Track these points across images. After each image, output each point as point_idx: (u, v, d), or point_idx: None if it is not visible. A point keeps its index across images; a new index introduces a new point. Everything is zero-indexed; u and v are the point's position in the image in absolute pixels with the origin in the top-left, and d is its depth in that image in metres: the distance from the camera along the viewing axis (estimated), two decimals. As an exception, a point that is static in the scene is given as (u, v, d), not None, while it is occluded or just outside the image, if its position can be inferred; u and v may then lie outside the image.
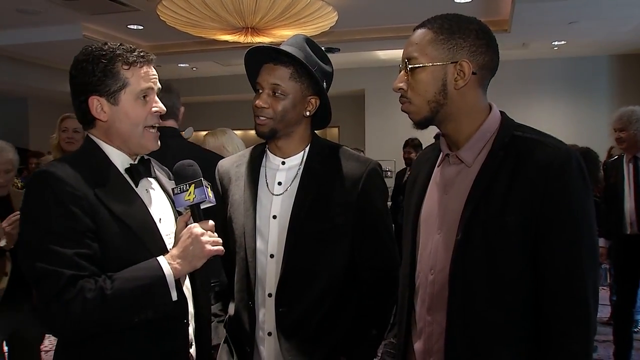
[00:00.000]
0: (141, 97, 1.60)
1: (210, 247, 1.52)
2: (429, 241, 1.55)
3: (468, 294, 1.42)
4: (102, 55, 1.56)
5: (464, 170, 1.50)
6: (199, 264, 1.53)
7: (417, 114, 1.51)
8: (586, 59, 9.46)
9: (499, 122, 1.50)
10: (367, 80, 10.39)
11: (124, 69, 1.57)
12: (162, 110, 1.65)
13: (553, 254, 1.36)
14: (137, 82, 1.59)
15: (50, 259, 1.42)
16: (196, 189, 1.54)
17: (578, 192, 1.36)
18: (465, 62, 1.43)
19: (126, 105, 1.59)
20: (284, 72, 1.80)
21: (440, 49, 1.45)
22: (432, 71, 1.45)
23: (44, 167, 1.54)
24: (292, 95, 1.81)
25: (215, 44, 7.27)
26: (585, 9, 6.02)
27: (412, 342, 1.60)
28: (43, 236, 1.44)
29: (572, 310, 1.35)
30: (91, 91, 1.57)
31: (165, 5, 5.44)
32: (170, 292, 1.49)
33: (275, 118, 1.81)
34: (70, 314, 1.41)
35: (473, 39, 1.45)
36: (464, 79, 1.44)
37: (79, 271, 1.42)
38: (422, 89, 1.47)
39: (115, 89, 1.57)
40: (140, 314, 1.47)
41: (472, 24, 1.47)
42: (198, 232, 1.52)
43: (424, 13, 1.77)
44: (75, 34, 6.90)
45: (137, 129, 1.61)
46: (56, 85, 9.31)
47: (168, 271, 1.48)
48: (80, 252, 1.44)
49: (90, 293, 1.41)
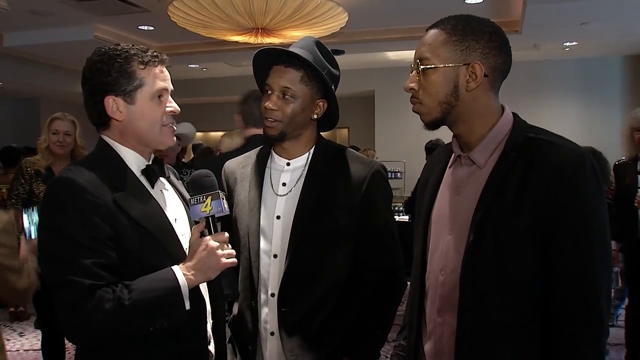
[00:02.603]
0: (156, 97, 1.61)
1: (225, 260, 1.54)
2: (439, 242, 1.54)
3: (478, 295, 1.41)
4: (117, 55, 1.57)
5: (475, 172, 1.50)
6: (213, 275, 1.55)
7: (428, 114, 1.50)
8: (598, 60, 9.38)
9: (512, 124, 1.50)
10: (377, 81, 10.37)
11: (139, 68, 1.58)
12: (176, 110, 1.66)
13: (565, 256, 1.35)
14: (153, 82, 1.60)
15: (69, 268, 1.43)
16: (213, 201, 1.56)
17: (591, 194, 1.36)
18: (478, 64, 1.43)
19: (142, 105, 1.60)
20: (294, 75, 1.80)
21: (453, 50, 1.44)
22: (444, 72, 1.45)
23: (63, 174, 1.54)
24: (301, 98, 1.81)
25: (225, 44, 7.28)
26: (597, 9, 5.97)
27: (423, 344, 1.60)
28: (63, 245, 1.45)
29: (584, 313, 1.34)
30: (107, 91, 1.57)
31: (176, 6, 5.45)
32: (185, 302, 1.51)
33: (284, 120, 1.81)
34: (89, 323, 1.43)
35: (486, 41, 1.44)
36: (475, 81, 1.44)
37: (98, 280, 1.43)
38: (433, 90, 1.47)
39: (131, 88, 1.58)
40: (156, 323, 1.49)
41: (485, 26, 1.46)
42: (213, 245, 1.53)
43: (434, 14, 1.77)
44: (86, 35, 6.94)
45: (155, 127, 1.63)
46: (68, 85, 9.38)
47: (183, 282, 1.50)
48: (99, 262, 1.45)
49: (109, 303, 1.42)
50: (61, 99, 10.47)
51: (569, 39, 7.90)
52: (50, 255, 1.49)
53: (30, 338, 5.69)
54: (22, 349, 5.37)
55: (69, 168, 1.59)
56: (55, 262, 1.47)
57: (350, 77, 9.62)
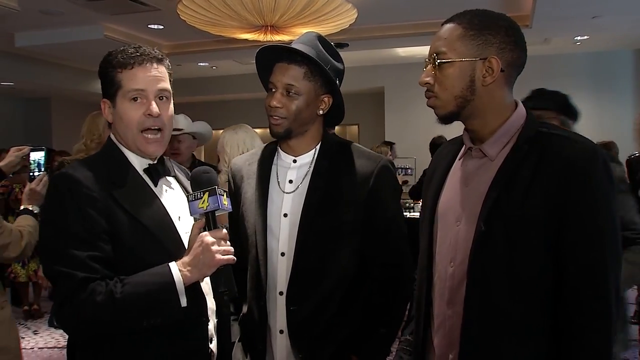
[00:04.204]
0: (131, 98, 1.61)
1: (220, 257, 1.51)
2: (448, 233, 1.54)
3: (487, 286, 1.41)
4: (104, 61, 1.64)
5: (486, 164, 1.50)
6: (209, 272, 1.53)
7: (444, 108, 1.50)
8: (610, 54, 9.30)
9: (525, 118, 1.49)
10: (387, 77, 10.35)
11: (117, 71, 1.61)
12: (154, 112, 1.61)
13: (575, 250, 1.35)
14: (127, 84, 1.61)
15: (64, 260, 1.46)
16: (210, 197, 1.54)
17: (603, 189, 1.35)
18: (495, 58, 1.43)
19: (120, 108, 1.62)
20: (297, 71, 1.79)
21: (470, 44, 1.44)
22: (460, 67, 1.45)
23: (64, 169, 1.58)
24: (305, 94, 1.80)
25: (234, 42, 7.28)
26: (608, 3, 5.92)
27: (432, 338, 1.59)
28: (59, 238, 1.49)
29: (594, 306, 1.34)
30: (103, 95, 1.66)
31: (185, 4, 5.47)
32: (180, 298, 1.50)
33: (289, 117, 1.81)
34: (80, 315, 1.46)
35: (502, 36, 1.44)
36: (492, 76, 1.44)
37: (91, 274, 1.46)
38: (449, 84, 1.47)
39: (112, 92, 1.62)
40: (149, 318, 1.49)
41: (501, 21, 1.46)
42: (209, 241, 1.52)
43: (444, 9, 1.76)
44: (96, 34, 6.98)
45: (132, 132, 1.62)
46: (79, 84, 9.44)
47: (178, 278, 1.50)
48: (94, 255, 1.47)
49: (100, 296, 1.44)
50: (72, 98, 10.55)
51: (580, 33, 7.84)
52: (48, 247, 1.54)
53: (44, 336, 5.74)
54: (37, 347, 5.42)
55: (71, 164, 1.64)
56: (52, 253, 1.51)
57: (360, 73, 9.62)
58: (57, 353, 5.26)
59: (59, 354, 5.22)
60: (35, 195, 2.57)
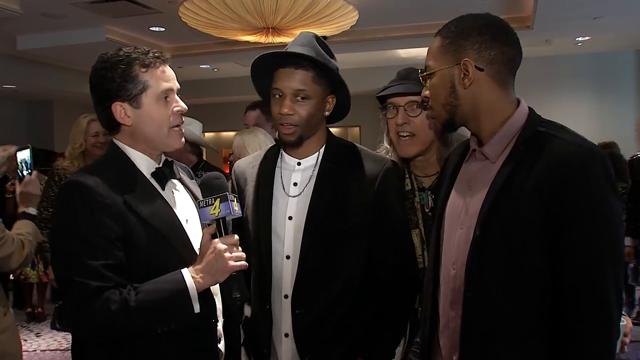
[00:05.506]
0: (162, 98, 1.62)
1: (233, 263, 1.53)
2: (452, 236, 1.55)
3: (485, 287, 1.42)
4: (119, 61, 1.59)
5: (487, 166, 1.51)
6: (222, 278, 1.54)
7: (439, 117, 1.57)
8: (611, 55, 9.29)
9: (525, 118, 1.49)
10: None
11: (142, 71, 1.59)
12: (183, 109, 1.66)
13: (573, 250, 1.35)
14: (157, 84, 1.61)
15: (78, 269, 1.46)
16: (221, 204, 1.54)
17: (601, 189, 1.35)
18: (467, 60, 1.46)
19: (149, 108, 1.61)
20: (305, 75, 1.77)
21: (446, 53, 1.50)
22: (441, 75, 1.51)
23: (73, 177, 1.57)
24: (315, 98, 1.79)
25: (236, 44, 7.29)
26: (610, 3, 5.90)
27: (438, 338, 1.60)
28: (73, 246, 1.49)
29: (593, 309, 1.34)
30: (114, 97, 1.59)
31: (186, 7, 5.48)
32: (193, 304, 1.51)
33: (301, 124, 1.79)
34: (94, 322, 1.47)
35: (475, 37, 1.46)
36: (468, 77, 1.47)
37: (105, 282, 1.46)
38: (436, 94, 1.53)
39: (136, 92, 1.59)
40: (163, 325, 1.50)
41: (476, 22, 1.49)
42: (222, 247, 1.53)
43: (444, 11, 1.77)
44: (98, 37, 6.98)
45: (163, 130, 1.63)
46: (81, 87, 9.38)
47: (191, 284, 1.51)
48: (107, 264, 1.47)
49: (115, 305, 1.44)
50: (74, 100, 10.54)
51: (582, 33, 7.83)
52: (61, 254, 1.53)
53: (47, 339, 5.75)
54: (39, 349, 5.42)
55: (79, 171, 1.63)
56: (66, 261, 1.50)
57: (361, 75, 9.60)
58: (60, 355, 5.27)
59: (62, 356, 5.23)
60: (29, 197, 2.55)
